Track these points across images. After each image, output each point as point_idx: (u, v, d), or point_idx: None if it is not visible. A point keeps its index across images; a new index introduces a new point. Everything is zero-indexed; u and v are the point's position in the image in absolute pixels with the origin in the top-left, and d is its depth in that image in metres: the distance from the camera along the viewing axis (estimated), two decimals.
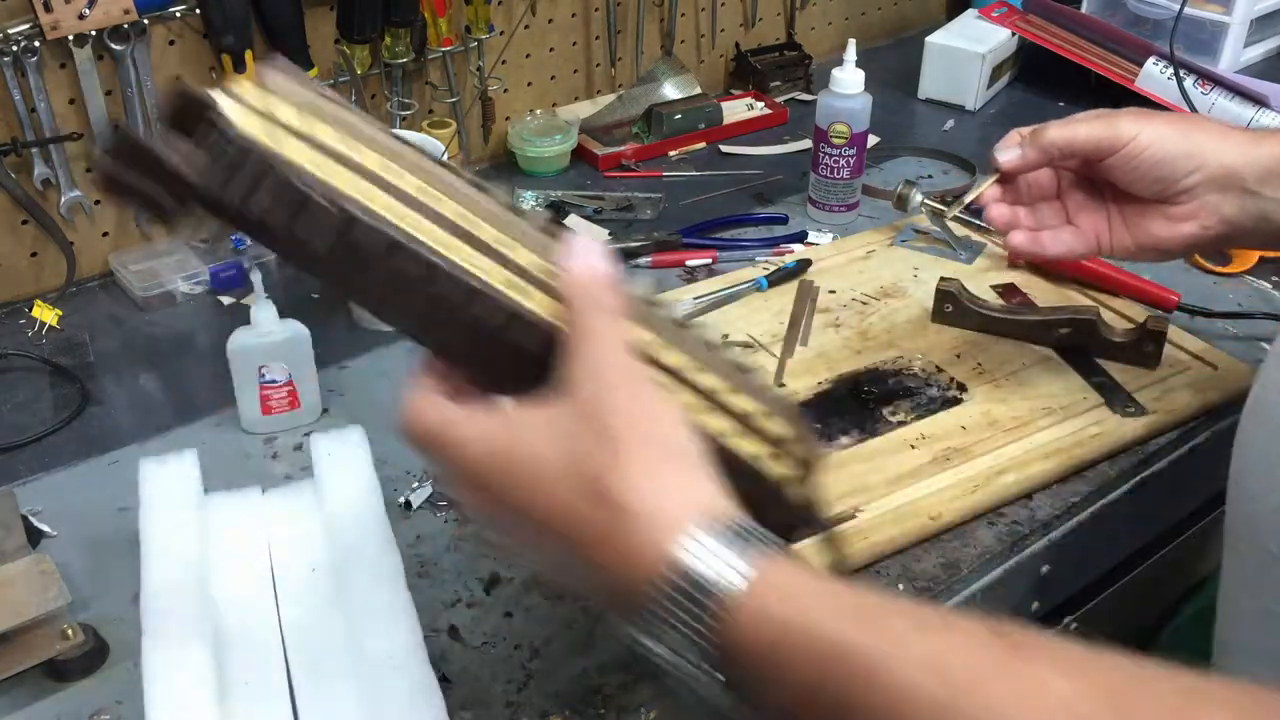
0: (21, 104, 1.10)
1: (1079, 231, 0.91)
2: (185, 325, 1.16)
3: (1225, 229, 0.85)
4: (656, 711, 0.75)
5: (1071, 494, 0.92)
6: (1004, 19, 1.69)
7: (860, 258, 1.22)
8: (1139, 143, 0.84)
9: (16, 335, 1.13)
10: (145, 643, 0.74)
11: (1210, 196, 0.84)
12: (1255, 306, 1.16)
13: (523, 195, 1.38)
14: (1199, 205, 0.85)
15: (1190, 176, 0.84)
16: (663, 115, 1.48)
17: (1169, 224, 0.87)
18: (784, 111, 1.59)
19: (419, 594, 0.81)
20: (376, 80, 1.32)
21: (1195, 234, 0.86)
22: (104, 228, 1.22)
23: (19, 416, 1.02)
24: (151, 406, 1.05)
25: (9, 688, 0.76)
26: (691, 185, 1.42)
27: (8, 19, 1.08)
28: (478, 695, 0.76)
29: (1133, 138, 0.84)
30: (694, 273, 1.23)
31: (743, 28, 1.68)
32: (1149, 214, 0.87)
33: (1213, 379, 1.02)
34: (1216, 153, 0.84)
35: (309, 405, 1.00)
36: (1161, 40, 1.52)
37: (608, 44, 1.53)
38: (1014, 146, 0.89)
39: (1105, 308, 1.11)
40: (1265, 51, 1.73)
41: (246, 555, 0.83)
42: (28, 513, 0.88)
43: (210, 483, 0.88)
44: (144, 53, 1.15)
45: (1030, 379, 1.03)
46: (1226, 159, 0.83)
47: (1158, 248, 0.88)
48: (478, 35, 1.36)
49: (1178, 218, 0.86)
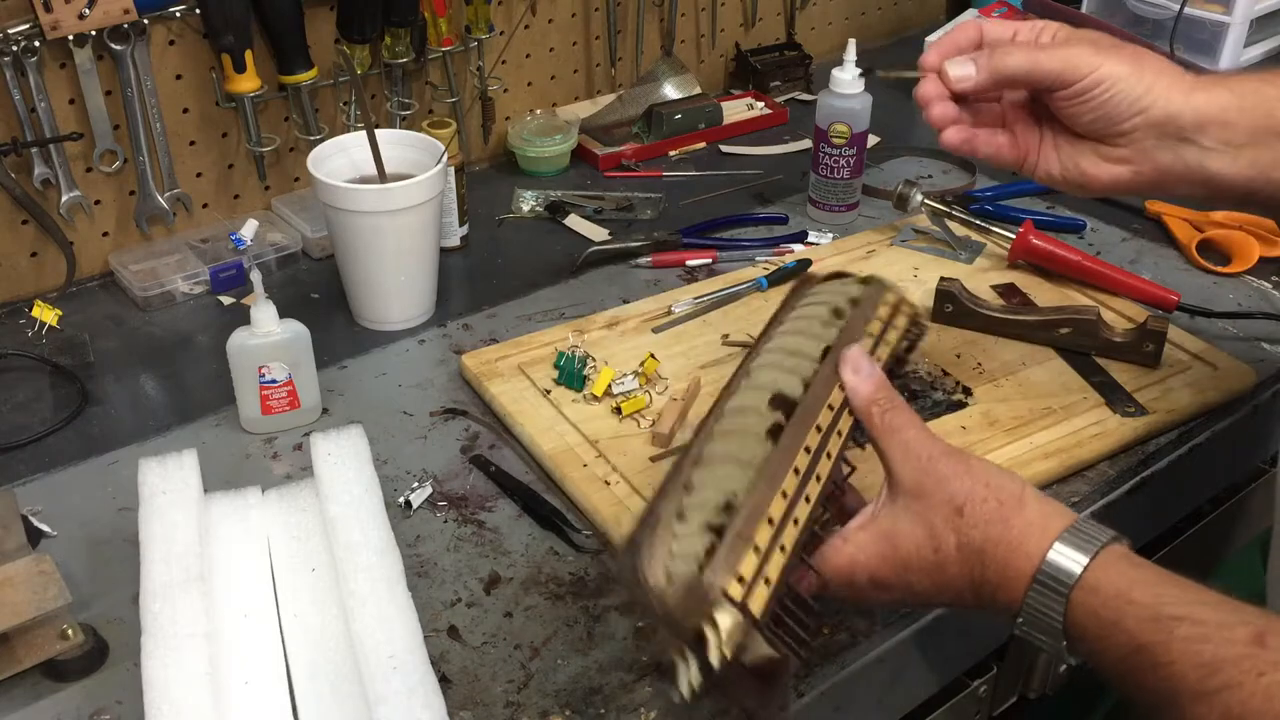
0: (21, 104, 1.10)
1: (1013, 140, 0.88)
2: (185, 325, 1.16)
3: (1156, 175, 0.83)
4: (656, 712, 0.75)
5: (1071, 494, 0.92)
6: (1004, 19, 1.69)
7: (860, 258, 1.22)
8: (1094, 78, 0.80)
9: (16, 335, 1.13)
10: (145, 643, 0.74)
11: (1147, 142, 0.82)
12: (1255, 306, 1.16)
13: (523, 195, 1.38)
14: (1134, 150, 0.82)
15: (1132, 120, 0.81)
16: (663, 115, 1.48)
17: (1099, 162, 0.84)
18: (784, 111, 1.59)
19: (419, 594, 0.81)
20: (376, 80, 1.32)
21: (1124, 178, 0.84)
22: (104, 228, 1.22)
23: (19, 416, 1.02)
24: (151, 406, 1.05)
25: (9, 688, 0.76)
26: (691, 185, 1.42)
27: (8, 19, 1.08)
28: (478, 695, 0.76)
29: (1090, 73, 0.80)
30: (694, 273, 1.23)
31: (743, 28, 1.68)
32: (1080, 148, 0.85)
33: (1213, 379, 1.02)
34: (1163, 97, 0.80)
35: (309, 405, 1.00)
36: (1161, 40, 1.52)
37: (608, 44, 1.53)
38: (966, 62, 0.84)
39: (1105, 308, 1.11)
40: (1265, 51, 1.73)
41: (246, 555, 0.84)
42: (28, 513, 0.88)
43: (210, 483, 0.88)
44: (144, 53, 1.15)
45: (1030, 379, 1.03)
46: (1173, 105, 0.80)
47: (1083, 184, 0.86)
48: (478, 35, 1.36)
49: (1111, 158, 0.84)
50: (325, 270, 1.23)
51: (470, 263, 1.27)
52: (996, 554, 0.66)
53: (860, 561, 0.69)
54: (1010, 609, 0.66)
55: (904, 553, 0.68)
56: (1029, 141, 0.88)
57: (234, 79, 1.19)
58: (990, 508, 0.67)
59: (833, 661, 0.78)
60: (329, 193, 1.07)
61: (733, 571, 0.63)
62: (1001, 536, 0.66)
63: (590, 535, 0.87)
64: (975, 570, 0.67)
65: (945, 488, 0.68)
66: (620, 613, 0.82)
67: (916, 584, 0.69)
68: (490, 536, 0.88)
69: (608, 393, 1.00)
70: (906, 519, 0.68)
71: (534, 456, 0.96)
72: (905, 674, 0.84)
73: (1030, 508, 0.67)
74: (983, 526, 0.66)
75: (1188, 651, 0.60)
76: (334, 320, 1.15)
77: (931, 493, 0.68)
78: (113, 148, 1.18)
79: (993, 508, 0.67)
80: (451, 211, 1.25)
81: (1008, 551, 0.66)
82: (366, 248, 1.09)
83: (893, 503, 0.70)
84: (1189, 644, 0.60)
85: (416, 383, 1.06)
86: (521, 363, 1.05)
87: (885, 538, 0.69)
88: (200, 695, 0.71)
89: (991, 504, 0.67)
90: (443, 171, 1.11)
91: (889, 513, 0.69)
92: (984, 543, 0.66)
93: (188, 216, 1.26)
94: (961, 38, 0.86)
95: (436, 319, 1.16)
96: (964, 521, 0.67)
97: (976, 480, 0.68)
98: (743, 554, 0.64)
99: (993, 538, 0.66)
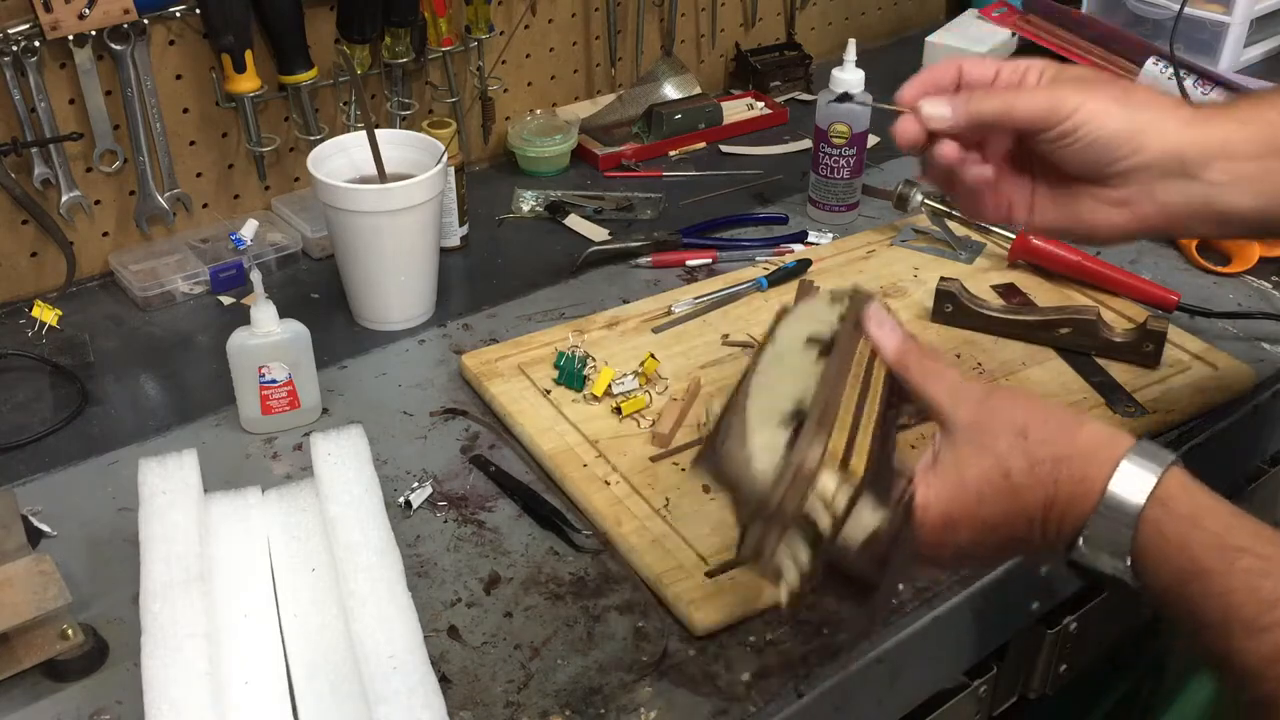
0: (21, 104, 1.10)
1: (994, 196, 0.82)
2: (185, 325, 1.16)
3: (1162, 220, 0.77)
4: (656, 712, 0.75)
5: None
6: (1004, 19, 1.69)
7: (860, 258, 1.22)
8: (1078, 118, 0.74)
9: (16, 335, 1.13)
10: (145, 643, 0.74)
11: (1148, 182, 0.76)
12: (1255, 306, 1.16)
13: (523, 195, 1.38)
14: (1135, 191, 0.76)
15: (1127, 160, 0.75)
16: (663, 115, 1.48)
17: (1098, 207, 0.78)
18: (784, 111, 1.59)
19: (419, 594, 0.81)
20: (376, 80, 1.32)
21: (1128, 224, 0.78)
22: (104, 228, 1.22)
23: (19, 416, 1.02)
24: (151, 406, 1.05)
25: (9, 688, 0.76)
26: (691, 185, 1.42)
27: (8, 19, 1.08)
28: (478, 695, 0.76)
29: (1072, 112, 0.74)
30: (694, 273, 1.23)
31: (743, 28, 1.68)
32: (1076, 193, 0.79)
33: (1213, 379, 1.02)
34: (1160, 133, 0.75)
35: (309, 405, 1.00)
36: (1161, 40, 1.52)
37: (608, 44, 1.53)
38: (943, 103, 0.78)
39: (1105, 308, 1.11)
40: (1265, 51, 1.73)
41: (246, 555, 0.84)
42: (28, 513, 0.88)
43: (210, 483, 0.88)
44: (144, 53, 1.15)
45: (1030, 379, 1.03)
46: (1170, 140, 0.75)
47: (1087, 233, 0.80)
48: (478, 35, 1.36)
49: (1109, 202, 0.78)
50: (325, 270, 1.23)
51: (470, 263, 1.27)
52: (1071, 467, 0.65)
53: (931, 501, 0.67)
54: (1077, 528, 0.65)
55: (973, 485, 0.66)
56: (1014, 195, 0.82)
57: (234, 79, 1.19)
58: (1053, 427, 0.66)
59: (833, 661, 0.78)
60: (329, 193, 1.07)
61: (825, 448, 0.62)
62: (1070, 451, 0.65)
63: (590, 535, 0.87)
64: (1049, 487, 0.65)
65: (1003, 416, 0.67)
66: (620, 612, 0.82)
67: (989, 516, 0.66)
68: (490, 536, 0.88)
69: (608, 393, 1.00)
70: (971, 451, 0.67)
71: (534, 456, 0.96)
72: (905, 674, 0.84)
73: (1090, 424, 0.67)
74: (1049, 444, 0.66)
75: (1248, 584, 0.60)
76: (334, 320, 1.15)
77: (990, 423, 0.67)
78: (113, 148, 1.18)
79: (1055, 426, 0.67)
80: (451, 211, 1.25)
81: (1082, 463, 0.65)
82: (366, 248, 1.09)
83: (952, 442, 0.68)
84: (1250, 576, 0.61)
85: (416, 383, 1.06)
86: (521, 363, 1.05)
87: (952, 473, 0.67)
88: (200, 695, 0.71)
89: (1053, 424, 0.67)
90: (443, 171, 1.11)
91: (950, 451, 0.68)
92: (1054, 460, 0.65)
93: (188, 216, 1.26)
94: (941, 75, 0.81)
95: (436, 319, 1.16)
96: (1030, 442, 0.66)
97: (1032, 405, 0.68)
98: (830, 434, 0.63)
99: (1062, 454, 0.65)
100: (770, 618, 0.81)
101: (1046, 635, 1.00)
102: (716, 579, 0.82)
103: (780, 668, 0.78)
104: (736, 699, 0.76)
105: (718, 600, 0.80)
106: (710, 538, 0.85)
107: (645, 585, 0.83)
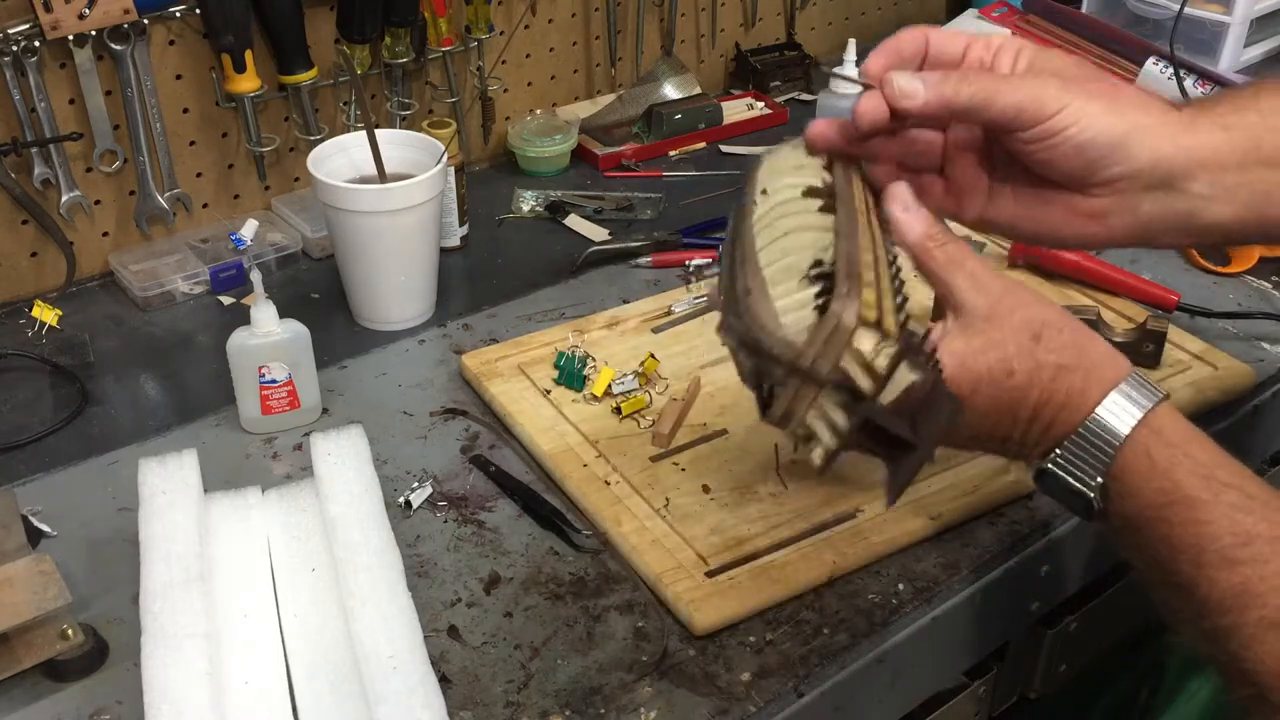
0: (21, 104, 1.10)
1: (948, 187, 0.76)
2: (185, 325, 1.16)
3: (1137, 232, 0.72)
4: (656, 711, 0.75)
5: None
6: (1004, 19, 1.69)
7: None
8: (1062, 118, 0.68)
9: (16, 335, 1.13)
10: (145, 643, 0.74)
11: (1129, 193, 0.71)
12: (1255, 306, 1.16)
13: (523, 195, 1.38)
14: (1115, 201, 0.71)
15: (1112, 169, 0.70)
16: (663, 115, 1.48)
17: (1071, 217, 0.73)
18: (784, 111, 1.59)
19: (419, 594, 0.81)
20: (376, 80, 1.32)
21: (1100, 235, 0.73)
22: (104, 228, 1.22)
23: (19, 416, 1.02)
24: (151, 406, 1.05)
25: (9, 688, 0.76)
26: (691, 185, 1.42)
27: (8, 19, 1.08)
28: (477, 695, 0.76)
29: (1057, 110, 0.68)
30: (694, 273, 1.23)
31: (743, 28, 1.68)
32: (1047, 197, 0.73)
33: (1213, 379, 1.02)
34: (1149, 141, 0.69)
35: (309, 405, 1.00)
36: (1161, 40, 1.52)
37: (608, 44, 1.53)
38: (916, 82, 0.69)
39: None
40: (1265, 51, 1.73)
41: (246, 555, 0.84)
42: (28, 513, 0.88)
43: (210, 483, 0.88)
44: (144, 53, 1.15)
45: None
46: (1159, 150, 0.69)
47: (1056, 240, 0.75)
48: (478, 35, 1.36)
49: (1083, 211, 0.72)
50: (325, 270, 1.23)
51: (470, 263, 1.27)
52: (1072, 379, 0.65)
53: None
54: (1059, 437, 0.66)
55: (972, 376, 0.65)
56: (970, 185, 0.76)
57: (234, 79, 1.19)
58: (1067, 336, 0.67)
59: (833, 661, 0.78)
60: (329, 193, 1.07)
61: (857, 302, 0.59)
62: (1076, 364, 0.66)
63: (590, 535, 0.87)
64: (1045, 393, 0.65)
65: (1021, 313, 0.67)
66: (620, 612, 0.82)
67: (979, 404, 0.66)
68: (490, 536, 0.88)
69: (608, 393, 1.00)
70: (980, 342, 0.66)
71: (534, 456, 0.96)
72: (905, 674, 0.84)
73: (1101, 343, 0.68)
74: (1059, 352, 0.66)
75: (1229, 516, 0.62)
76: (334, 320, 1.15)
77: (1005, 318, 0.66)
78: (113, 148, 1.18)
79: (1069, 336, 0.67)
80: (451, 211, 1.25)
81: (1083, 377, 0.66)
82: (366, 248, 1.09)
83: (963, 328, 0.67)
84: (1232, 510, 0.62)
85: (416, 383, 1.06)
86: (521, 363, 1.05)
87: (955, 360, 0.65)
88: (200, 695, 0.71)
89: (1068, 333, 0.67)
90: (443, 171, 1.11)
91: (959, 336, 0.66)
92: (1058, 367, 0.66)
93: (188, 216, 1.26)
94: (906, 44, 0.73)
95: (436, 319, 1.16)
96: (1040, 348, 0.66)
97: (1048, 310, 0.68)
98: (860, 288, 0.60)
99: (1068, 363, 0.66)
100: (770, 617, 0.81)
101: (1046, 635, 1.00)
102: (716, 579, 0.82)
103: (780, 668, 0.78)
104: (736, 699, 0.76)
105: (718, 600, 0.80)
106: (710, 538, 0.85)
107: (645, 585, 0.83)
